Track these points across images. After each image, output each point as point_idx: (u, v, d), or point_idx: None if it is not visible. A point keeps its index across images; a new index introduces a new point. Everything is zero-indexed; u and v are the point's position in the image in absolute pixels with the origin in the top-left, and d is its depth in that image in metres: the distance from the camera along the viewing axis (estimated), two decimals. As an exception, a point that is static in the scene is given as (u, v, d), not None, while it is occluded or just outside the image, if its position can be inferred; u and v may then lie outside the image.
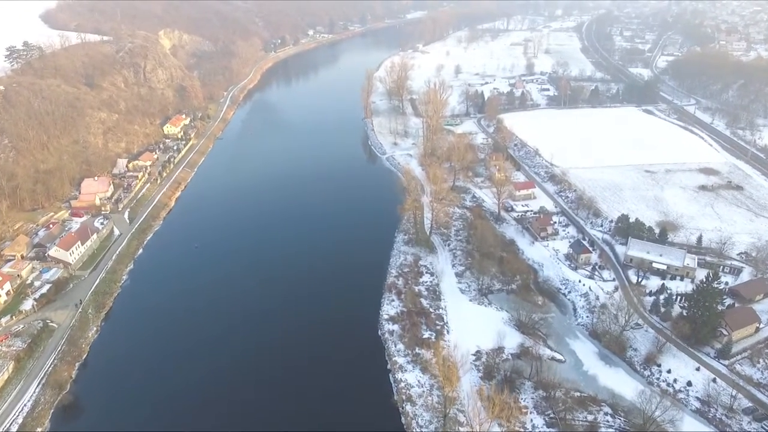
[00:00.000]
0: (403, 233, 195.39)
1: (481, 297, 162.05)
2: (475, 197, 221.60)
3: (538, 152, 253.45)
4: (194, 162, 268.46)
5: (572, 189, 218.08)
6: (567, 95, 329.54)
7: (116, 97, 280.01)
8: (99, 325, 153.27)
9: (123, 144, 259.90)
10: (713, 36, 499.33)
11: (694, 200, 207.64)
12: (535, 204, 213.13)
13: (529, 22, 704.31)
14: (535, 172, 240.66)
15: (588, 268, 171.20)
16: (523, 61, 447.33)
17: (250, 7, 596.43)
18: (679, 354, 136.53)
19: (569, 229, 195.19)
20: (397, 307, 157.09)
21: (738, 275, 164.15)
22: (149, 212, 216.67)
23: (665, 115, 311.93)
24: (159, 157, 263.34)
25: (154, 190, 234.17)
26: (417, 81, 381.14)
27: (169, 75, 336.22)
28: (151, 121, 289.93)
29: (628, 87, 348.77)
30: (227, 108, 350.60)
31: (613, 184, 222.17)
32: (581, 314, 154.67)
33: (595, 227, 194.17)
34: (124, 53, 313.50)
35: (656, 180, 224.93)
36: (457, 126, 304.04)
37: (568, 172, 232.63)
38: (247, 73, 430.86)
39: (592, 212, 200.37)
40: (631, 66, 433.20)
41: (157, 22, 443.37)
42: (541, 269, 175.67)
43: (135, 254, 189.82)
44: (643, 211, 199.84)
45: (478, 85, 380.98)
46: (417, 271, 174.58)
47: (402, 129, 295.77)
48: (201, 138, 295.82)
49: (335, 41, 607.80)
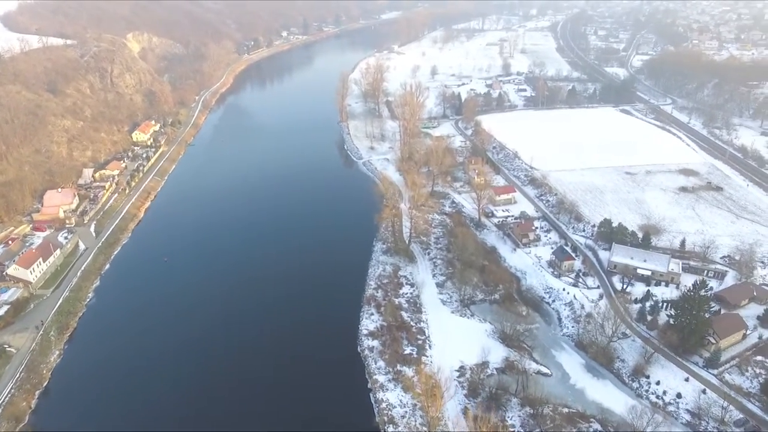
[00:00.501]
0: (381, 242, 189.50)
1: (463, 308, 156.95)
2: (455, 203, 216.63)
3: (518, 155, 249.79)
4: (164, 170, 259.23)
5: (553, 192, 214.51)
6: (544, 96, 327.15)
7: (81, 103, 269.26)
8: (62, 349, 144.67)
9: (89, 153, 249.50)
10: (686, 35, 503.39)
11: (675, 202, 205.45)
12: (516, 209, 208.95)
13: (504, 22, 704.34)
14: (515, 176, 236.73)
15: (572, 276, 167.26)
16: (499, 62, 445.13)
17: (221, 8, 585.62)
18: (667, 364, 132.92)
19: (551, 235, 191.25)
20: (377, 321, 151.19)
21: (722, 279, 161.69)
22: (117, 224, 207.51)
23: (643, 114, 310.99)
24: (127, 165, 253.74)
25: (122, 200, 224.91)
26: (393, 83, 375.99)
27: (137, 79, 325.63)
28: (118, 128, 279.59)
29: (605, 87, 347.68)
30: (199, 113, 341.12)
31: (593, 186, 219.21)
32: (566, 324, 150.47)
33: (578, 232, 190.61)
34: (90, 57, 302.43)
35: (637, 182, 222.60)
36: (435, 128, 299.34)
37: (549, 175, 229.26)
38: (219, 76, 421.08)
39: (574, 216, 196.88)
40: (606, 65, 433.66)
41: (124, 24, 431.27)
42: (524, 277, 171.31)
43: (101, 270, 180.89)
44: (626, 215, 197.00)
45: (454, 86, 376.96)
46: (396, 282, 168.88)
47: (378, 132, 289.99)
48: (171, 145, 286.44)
49: (309, 42, 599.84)
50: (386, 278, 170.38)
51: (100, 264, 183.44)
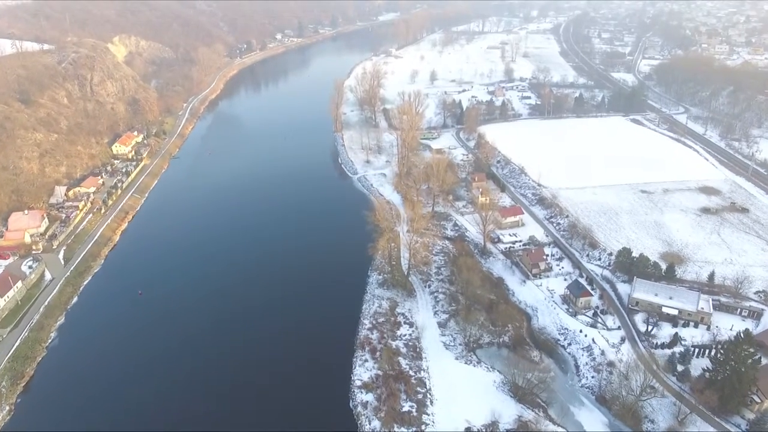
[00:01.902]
0: (377, 272, 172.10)
1: (468, 353, 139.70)
2: (457, 225, 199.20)
3: (524, 170, 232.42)
4: (145, 186, 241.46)
5: (564, 214, 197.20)
6: (550, 104, 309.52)
7: (56, 114, 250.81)
8: (13, 403, 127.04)
9: (63, 168, 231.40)
10: (694, 39, 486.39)
11: (698, 226, 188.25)
12: (524, 232, 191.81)
13: (505, 24, 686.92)
14: (521, 194, 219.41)
15: (589, 313, 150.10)
16: (501, 66, 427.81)
17: (214, 10, 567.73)
18: (703, 426, 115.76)
19: (564, 264, 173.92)
20: (372, 370, 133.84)
21: (758, 319, 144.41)
22: (89, 250, 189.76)
23: (655, 125, 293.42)
24: (105, 181, 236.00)
25: (96, 222, 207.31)
26: (390, 89, 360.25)
27: (119, 87, 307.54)
28: (97, 140, 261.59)
29: (615, 95, 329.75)
30: (186, 122, 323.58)
31: (608, 207, 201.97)
32: (585, 373, 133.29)
33: (593, 260, 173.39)
34: (68, 64, 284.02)
35: (654, 202, 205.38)
36: (434, 139, 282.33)
37: (558, 193, 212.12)
38: (209, 82, 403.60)
39: (588, 242, 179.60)
40: (613, 70, 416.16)
41: (110, 27, 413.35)
42: (536, 315, 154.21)
43: (68, 304, 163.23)
44: (644, 240, 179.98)
45: (455, 92, 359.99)
46: (394, 320, 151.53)
47: (375, 144, 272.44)
48: (154, 158, 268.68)
49: (305, 45, 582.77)
50: (382, 316, 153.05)
51: (66, 297, 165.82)
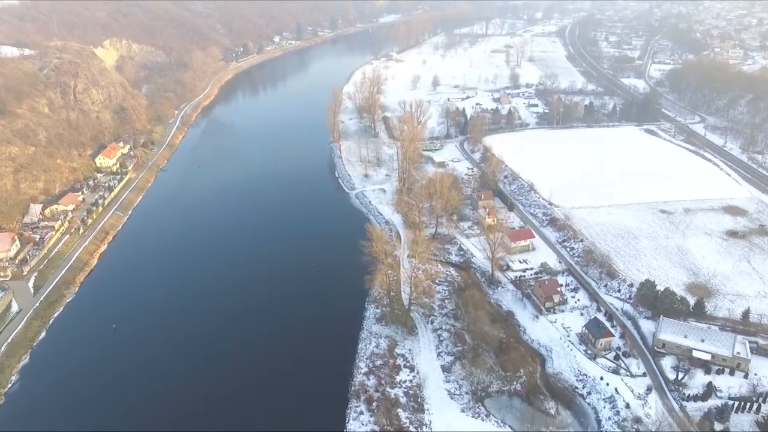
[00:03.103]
0: (374, 304, 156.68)
1: (476, 404, 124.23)
2: (462, 249, 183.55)
3: (534, 187, 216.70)
4: (129, 203, 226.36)
5: (578, 238, 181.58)
6: (559, 113, 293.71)
7: (35, 125, 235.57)
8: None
9: (40, 184, 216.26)
10: (705, 42, 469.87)
11: (725, 251, 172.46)
12: (535, 258, 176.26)
13: (509, 27, 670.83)
14: (531, 213, 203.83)
15: (609, 356, 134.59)
16: (506, 71, 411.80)
17: (210, 12, 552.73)
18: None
19: (579, 295, 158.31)
20: (368, 425, 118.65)
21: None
22: (63, 276, 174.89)
23: (670, 135, 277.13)
24: (85, 198, 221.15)
25: (73, 243, 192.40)
26: (391, 95, 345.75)
27: (106, 94, 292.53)
28: (80, 152, 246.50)
29: (627, 103, 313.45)
30: (176, 130, 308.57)
31: (625, 230, 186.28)
32: (608, 430, 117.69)
33: (611, 292, 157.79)
34: (50, 71, 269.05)
35: (675, 223, 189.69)
36: (437, 151, 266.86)
37: (571, 213, 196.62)
38: (203, 87, 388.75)
39: (606, 271, 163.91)
40: (622, 76, 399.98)
41: (101, 31, 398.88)
42: (550, 356, 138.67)
43: (34, 341, 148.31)
44: (667, 269, 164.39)
45: (458, 99, 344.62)
46: (393, 364, 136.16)
47: (374, 156, 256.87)
48: (141, 170, 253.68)
49: (303, 48, 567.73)
50: (380, 358, 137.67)
51: (33, 332, 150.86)
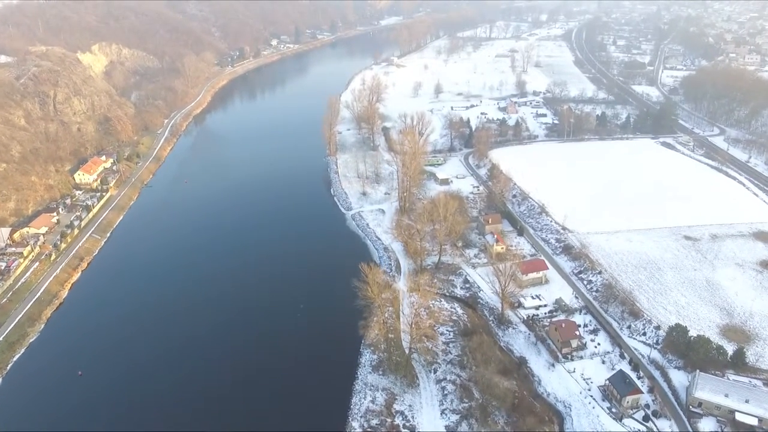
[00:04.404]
0: (370, 349, 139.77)
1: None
2: (468, 281, 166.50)
3: (545, 209, 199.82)
4: (108, 224, 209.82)
5: (596, 269, 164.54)
6: (570, 124, 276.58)
7: (8, 139, 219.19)
8: None
9: (11, 204, 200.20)
10: (718, 47, 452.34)
11: (761, 287, 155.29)
12: (548, 292, 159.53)
13: (513, 30, 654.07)
14: (542, 239, 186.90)
15: (638, 415, 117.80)
16: (511, 78, 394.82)
17: (206, 15, 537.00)
18: None
19: (600, 338, 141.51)
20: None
21: None
22: (27, 311, 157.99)
23: (689, 149, 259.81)
24: (60, 219, 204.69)
25: (43, 272, 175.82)
26: (392, 103, 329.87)
27: (89, 104, 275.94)
28: (57, 167, 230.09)
29: (642, 114, 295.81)
30: (165, 142, 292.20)
31: (647, 259, 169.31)
32: None
33: (636, 335, 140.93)
34: (27, 79, 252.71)
35: (702, 252, 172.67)
36: (440, 165, 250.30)
37: (587, 240, 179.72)
38: (195, 94, 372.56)
39: (628, 309, 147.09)
40: (633, 83, 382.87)
41: (89, 35, 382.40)
42: (569, 414, 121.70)
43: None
44: (697, 307, 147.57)
45: (462, 108, 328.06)
46: (391, 423, 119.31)
47: (372, 172, 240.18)
48: (124, 187, 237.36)
49: (302, 52, 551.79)
50: (376, 416, 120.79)
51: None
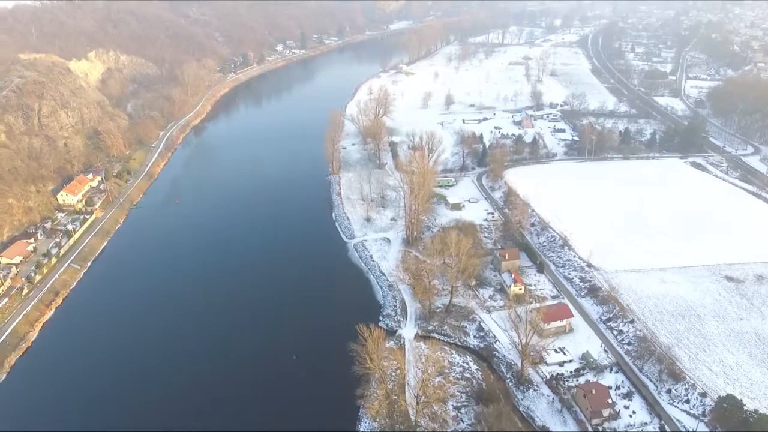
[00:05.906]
0: (370, 417, 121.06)
1: None
2: (483, 329, 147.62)
3: (568, 242, 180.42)
4: (90, 251, 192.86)
5: (627, 317, 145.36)
6: (591, 141, 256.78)
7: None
8: None
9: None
10: (745, 55, 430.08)
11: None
12: (573, 343, 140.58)
13: (527, 35, 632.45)
14: (565, 277, 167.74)
15: None
16: (526, 88, 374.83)
17: (209, 20, 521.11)
18: None
19: (634, 404, 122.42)
20: None
21: None
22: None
23: (722, 171, 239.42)
24: (38, 246, 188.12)
25: (12, 310, 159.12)
26: (400, 115, 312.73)
27: (77, 117, 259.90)
28: (39, 187, 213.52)
29: (669, 130, 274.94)
30: (158, 156, 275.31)
31: (685, 305, 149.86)
32: None
33: (677, 401, 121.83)
34: (10, 92, 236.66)
35: (748, 297, 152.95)
36: (451, 187, 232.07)
37: (616, 280, 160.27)
38: (194, 103, 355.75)
39: (667, 369, 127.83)
40: (655, 94, 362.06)
41: (86, 41, 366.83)
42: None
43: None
44: (748, 368, 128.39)
45: (474, 122, 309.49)
46: None
47: (378, 194, 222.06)
48: (110, 208, 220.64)
49: (308, 58, 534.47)
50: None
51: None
